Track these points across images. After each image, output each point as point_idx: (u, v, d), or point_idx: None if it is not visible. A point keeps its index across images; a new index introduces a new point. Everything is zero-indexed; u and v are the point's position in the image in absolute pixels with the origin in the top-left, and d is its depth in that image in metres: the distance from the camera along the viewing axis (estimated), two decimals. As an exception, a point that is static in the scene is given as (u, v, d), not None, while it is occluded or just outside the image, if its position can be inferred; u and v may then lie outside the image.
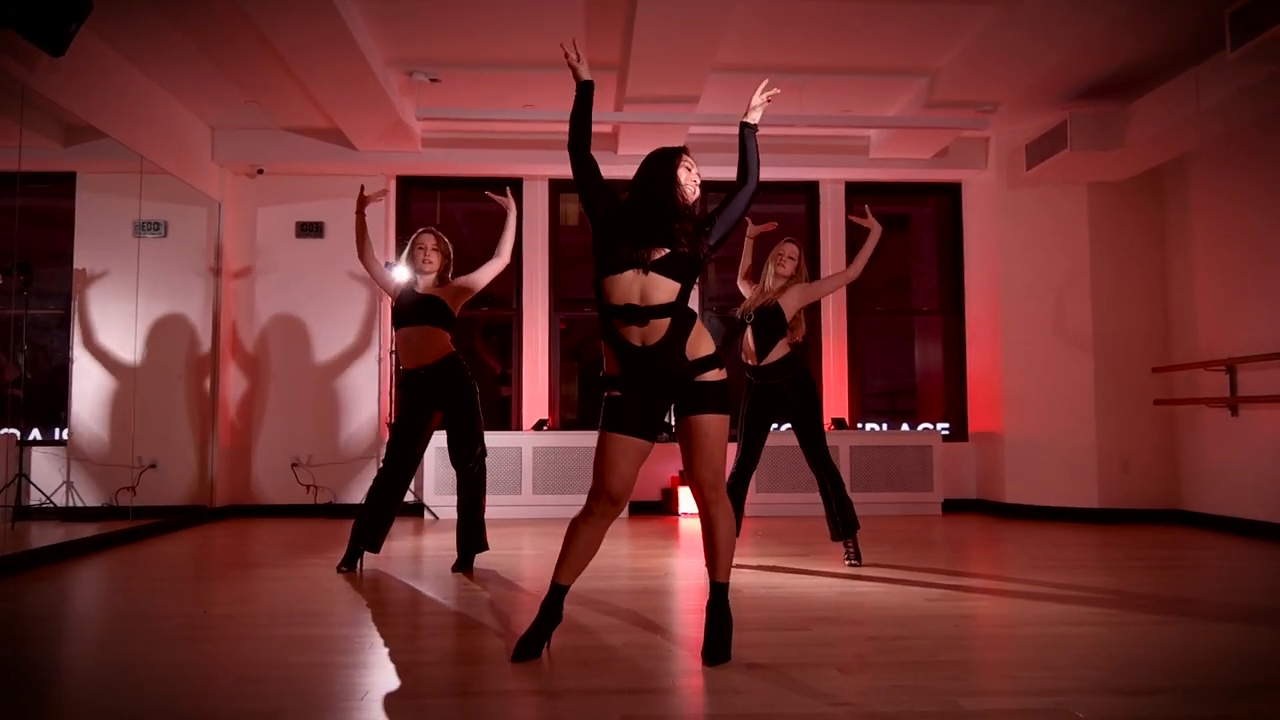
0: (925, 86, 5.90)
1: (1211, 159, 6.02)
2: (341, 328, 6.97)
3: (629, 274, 2.58)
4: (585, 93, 2.81)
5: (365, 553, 4.28)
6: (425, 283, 4.37)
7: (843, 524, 4.35)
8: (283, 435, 6.92)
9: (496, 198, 4.53)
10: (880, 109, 6.41)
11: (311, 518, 6.70)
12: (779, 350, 4.40)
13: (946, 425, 7.41)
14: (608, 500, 2.63)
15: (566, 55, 2.84)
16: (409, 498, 6.43)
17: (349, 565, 4.21)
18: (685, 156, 2.75)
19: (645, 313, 2.57)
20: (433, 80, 5.74)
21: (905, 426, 7.39)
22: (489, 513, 4.53)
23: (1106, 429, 6.41)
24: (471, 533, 4.28)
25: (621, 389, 2.66)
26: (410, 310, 4.31)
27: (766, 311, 4.43)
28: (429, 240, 4.38)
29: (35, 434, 6.62)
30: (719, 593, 2.68)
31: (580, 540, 2.67)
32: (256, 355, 7.00)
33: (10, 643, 3.00)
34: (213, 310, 6.86)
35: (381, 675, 2.48)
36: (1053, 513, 6.47)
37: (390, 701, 2.24)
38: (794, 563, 4.47)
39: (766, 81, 3.05)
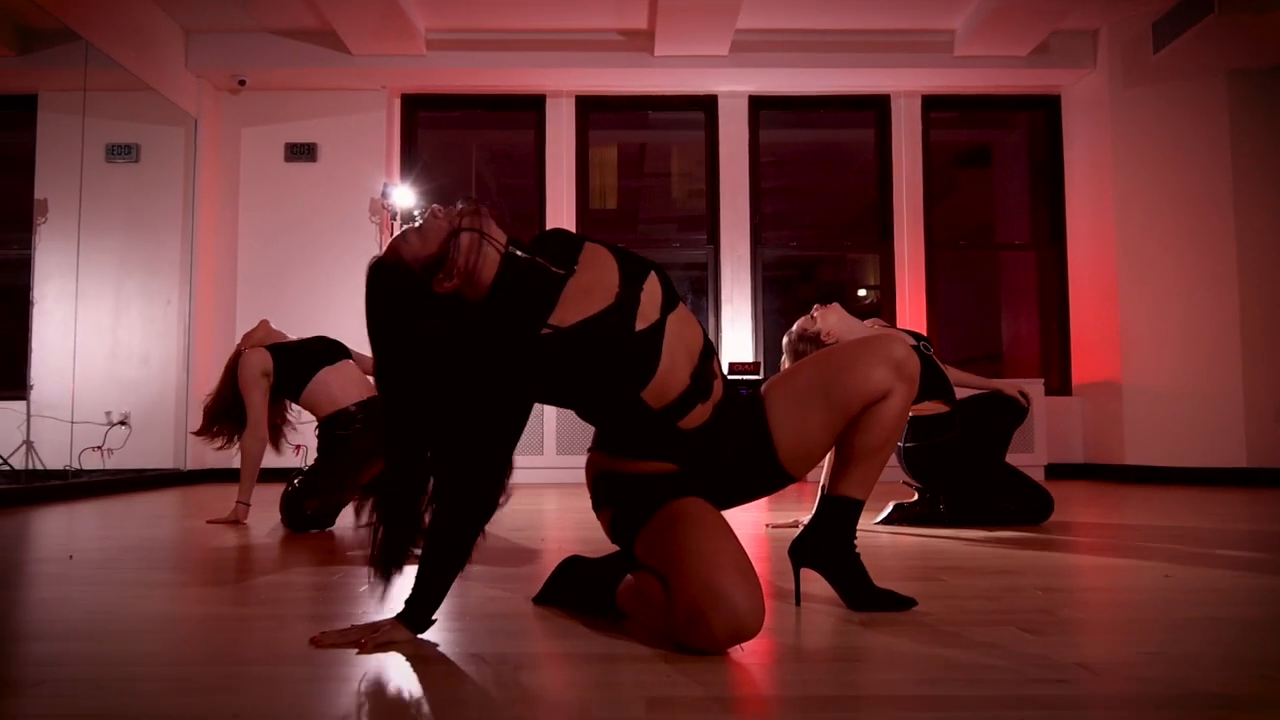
0: (1031, -56, 4.81)
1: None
2: (337, 263, 6.03)
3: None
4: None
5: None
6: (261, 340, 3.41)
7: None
8: (269, 388, 5.99)
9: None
10: (971, -16, 5.31)
11: (301, 482, 5.76)
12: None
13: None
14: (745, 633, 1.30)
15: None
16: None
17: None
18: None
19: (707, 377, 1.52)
20: (430, -54, 4.79)
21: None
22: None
23: (1256, 370, 5.23)
24: None
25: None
26: (320, 351, 3.42)
27: None
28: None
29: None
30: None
31: None
32: (241, 296, 6.09)
33: None
34: (191, 245, 5.97)
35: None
36: (1187, 474, 5.29)
37: None
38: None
39: None
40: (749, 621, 1.28)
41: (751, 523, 3.17)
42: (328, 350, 3.33)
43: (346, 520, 3.29)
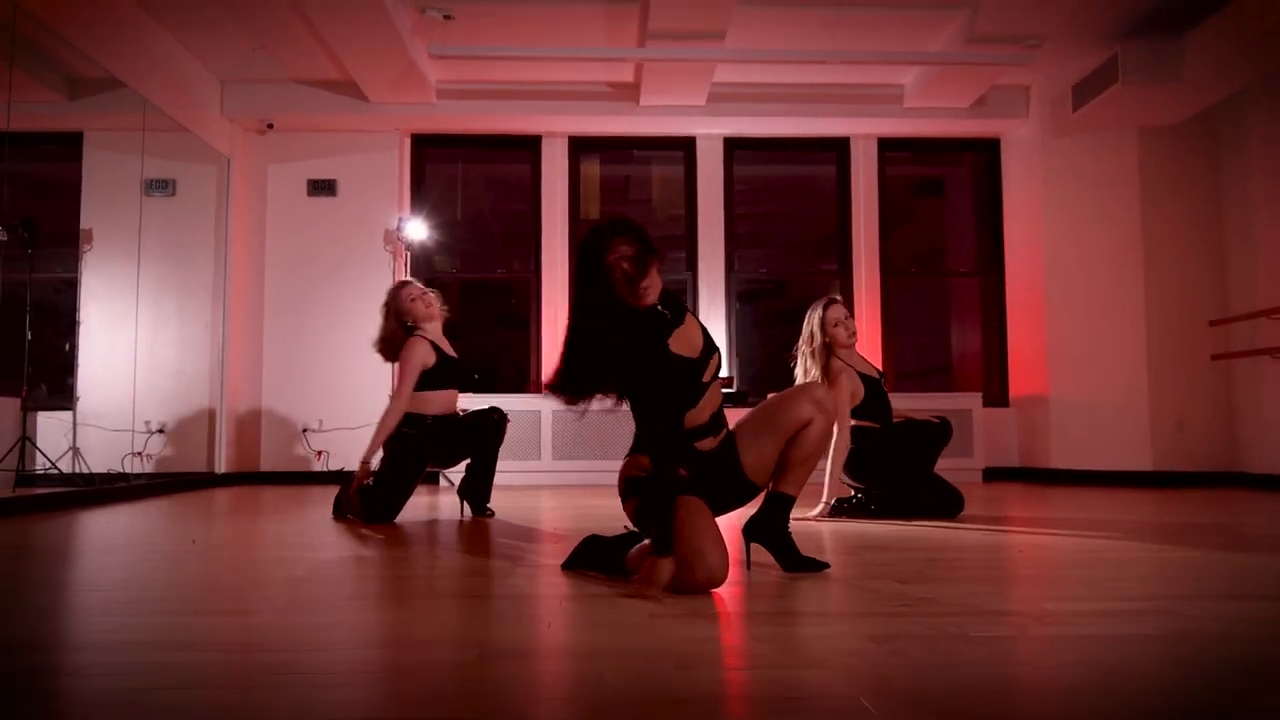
0: (965, 20, 5.57)
1: (1273, 94, 5.66)
2: (354, 287, 6.71)
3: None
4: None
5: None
6: (435, 330, 4.02)
7: None
8: (294, 400, 6.67)
9: None
10: (917, 48, 6.08)
11: (323, 485, 6.44)
12: None
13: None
14: (715, 581, 2.03)
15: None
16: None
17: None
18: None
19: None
20: (446, 18, 5.48)
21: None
22: (504, 478, 4.23)
23: (1159, 387, 6.04)
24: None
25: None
26: (455, 373, 4.04)
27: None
28: (432, 294, 4.05)
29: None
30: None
31: None
32: (267, 316, 6.76)
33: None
34: (224, 271, 6.63)
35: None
36: (1102, 477, 6.09)
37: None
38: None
39: None
40: (719, 573, 2.00)
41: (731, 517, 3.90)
42: (452, 377, 3.96)
43: (406, 515, 3.95)
